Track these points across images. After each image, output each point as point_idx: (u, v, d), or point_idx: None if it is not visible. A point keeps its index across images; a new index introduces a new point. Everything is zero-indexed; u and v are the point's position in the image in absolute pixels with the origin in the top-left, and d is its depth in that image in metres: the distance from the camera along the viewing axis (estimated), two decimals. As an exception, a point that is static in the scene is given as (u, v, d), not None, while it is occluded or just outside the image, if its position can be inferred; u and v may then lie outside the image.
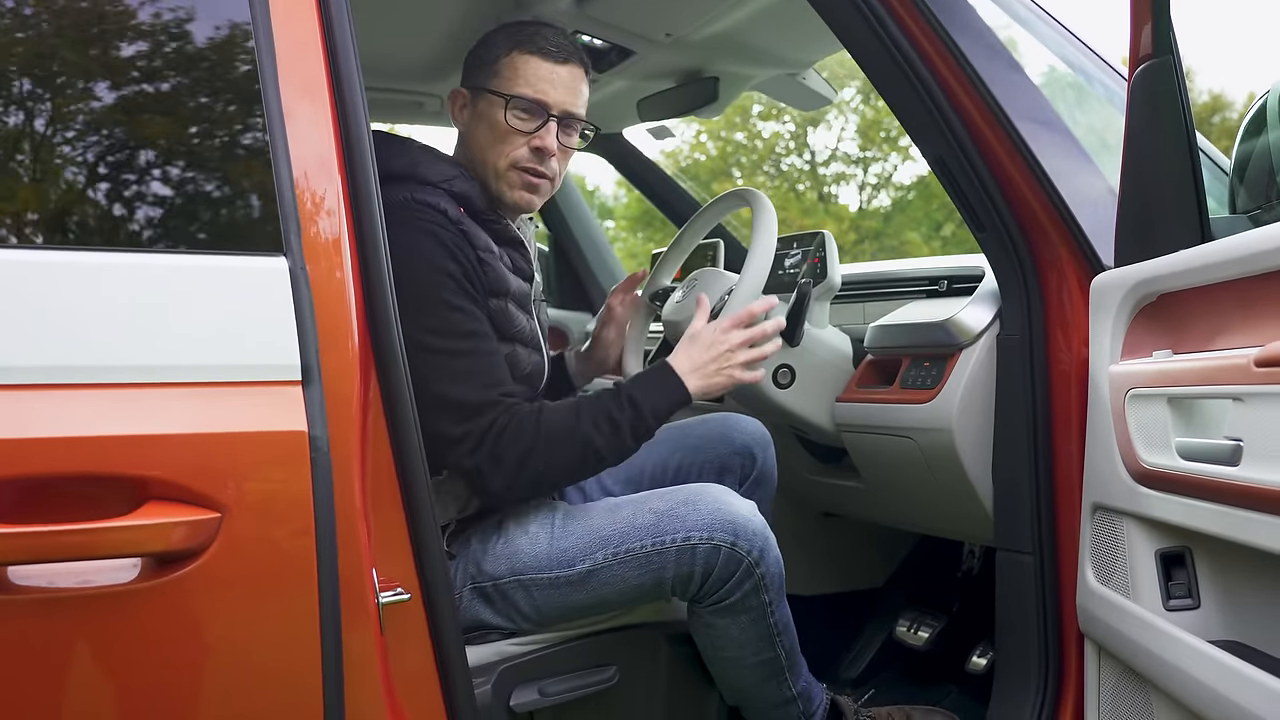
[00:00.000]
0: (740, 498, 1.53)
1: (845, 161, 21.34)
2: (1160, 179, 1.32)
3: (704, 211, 2.04)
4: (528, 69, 1.55)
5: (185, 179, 1.11)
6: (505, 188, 1.57)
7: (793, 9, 2.04)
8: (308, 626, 1.04)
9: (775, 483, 1.85)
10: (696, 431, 1.80)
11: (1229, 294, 1.18)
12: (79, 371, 0.98)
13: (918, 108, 1.53)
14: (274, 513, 1.02)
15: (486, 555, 1.51)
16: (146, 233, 1.09)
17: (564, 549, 1.49)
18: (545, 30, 1.59)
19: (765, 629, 1.54)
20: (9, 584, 0.95)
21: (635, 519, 1.49)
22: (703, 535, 1.46)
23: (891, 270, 2.18)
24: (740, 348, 1.55)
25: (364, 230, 1.15)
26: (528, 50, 1.56)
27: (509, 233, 1.59)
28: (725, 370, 1.54)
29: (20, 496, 0.94)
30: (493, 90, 1.56)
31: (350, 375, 1.10)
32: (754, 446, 1.80)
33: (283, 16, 1.13)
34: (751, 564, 1.48)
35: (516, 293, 1.57)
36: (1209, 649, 1.16)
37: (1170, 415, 1.22)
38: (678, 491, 1.53)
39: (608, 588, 1.48)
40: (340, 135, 1.15)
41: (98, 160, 1.07)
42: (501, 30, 1.60)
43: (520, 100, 1.54)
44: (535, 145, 1.55)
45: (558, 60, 1.57)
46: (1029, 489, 1.57)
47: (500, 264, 1.53)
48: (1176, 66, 1.29)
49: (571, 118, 1.59)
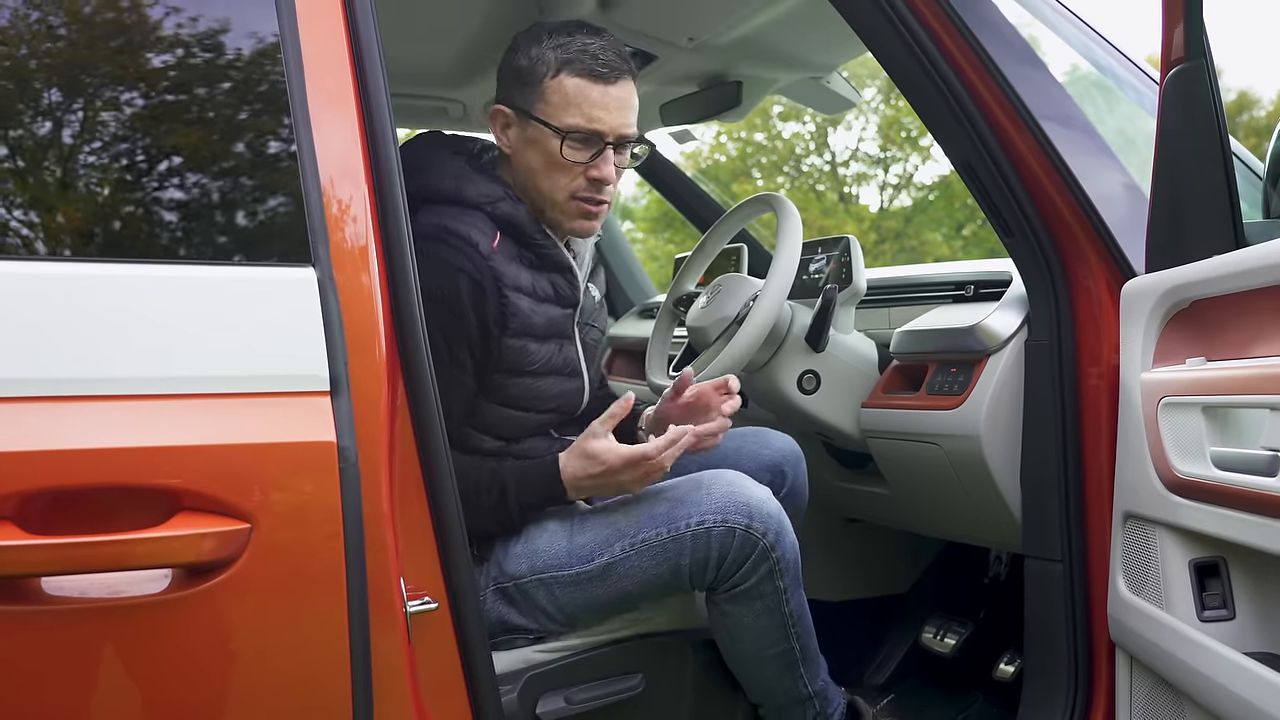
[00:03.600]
0: (755, 482, 1.52)
1: (866, 162, 21.26)
2: (1193, 184, 1.31)
3: (728, 216, 2.03)
4: (580, 95, 1.47)
5: (215, 191, 1.11)
6: (562, 217, 1.53)
7: (817, 12, 2.03)
8: (337, 635, 1.04)
9: (806, 499, 1.80)
10: (726, 445, 1.75)
11: (1264, 301, 1.16)
12: (111, 383, 0.99)
13: (943, 110, 1.52)
14: (303, 523, 1.03)
15: (508, 556, 1.51)
16: (177, 245, 1.09)
17: (582, 544, 1.50)
18: (591, 44, 1.48)
19: (780, 618, 1.53)
20: (43, 595, 0.95)
21: (650, 508, 1.50)
22: (717, 518, 1.46)
23: (917, 275, 2.16)
24: (637, 481, 1.48)
25: (390, 237, 1.15)
26: (577, 73, 1.47)
27: (556, 258, 1.55)
28: (609, 488, 1.49)
29: (53, 508, 0.95)
30: (542, 120, 1.48)
31: (378, 383, 1.11)
32: (785, 464, 1.75)
33: (310, 27, 1.13)
34: (767, 547, 1.47)
35: (544, 328, 1.53)
36: (1244, 660, 1.15)
37: (1205, 424, 1.21)
38: (692, 478, 1.53)
39: (628, 580, 1.49)
40: (367, 143, 1.15)
41: (132, 172, 1.08)
42: (543, 41, 1.50)
43: (576, 133, 1.48)
44: (593, 176, 1.50)
45: (610, 81, 1.48)
46: (1058, 496, 1.55)
47: (527, 300, 1.50)
48: (1209, 70, 1.28)
49: (626, 140, 1.52)
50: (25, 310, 0.98)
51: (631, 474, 1.47)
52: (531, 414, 1.57)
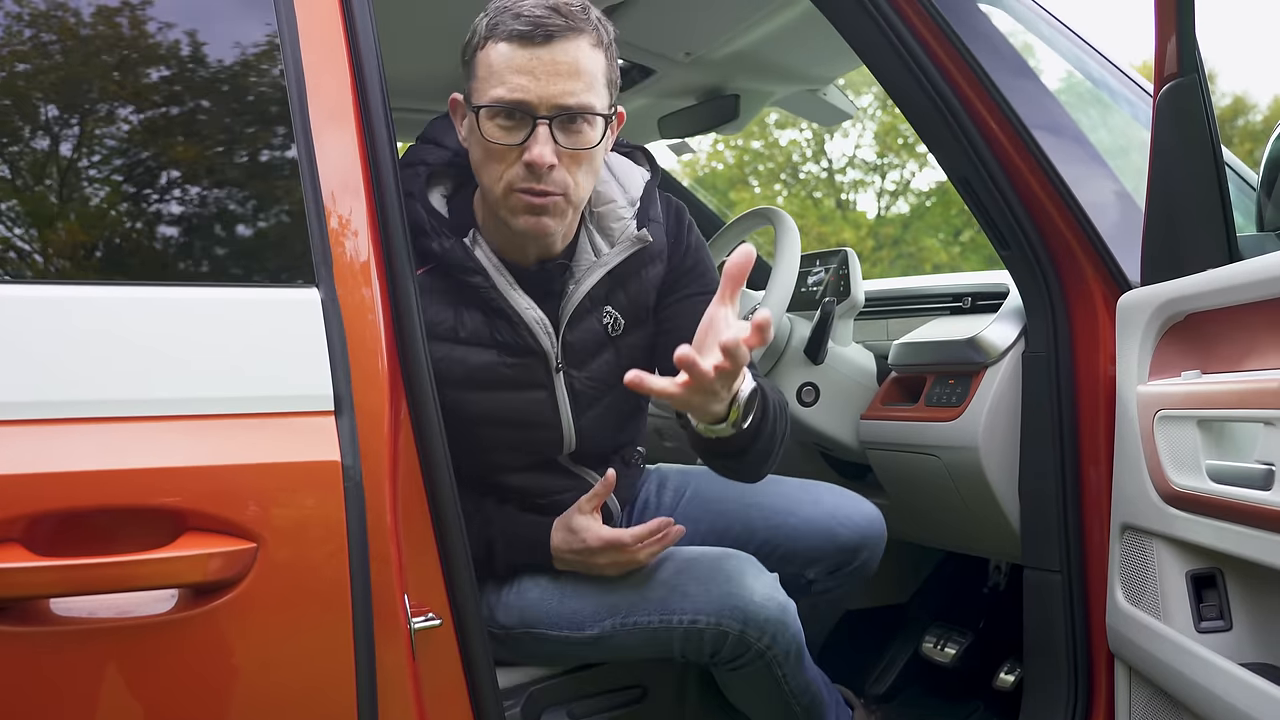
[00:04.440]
0: (758, 575, 1.39)
1: (863, 169, 21.33)
2: (1187, 198, 1.32)
3: (726, 230, 2.04)
4: (502, 63, 1.25)
5: (220, 214, 1.12)
6: (508, 215, 1.32)
7: (812, 27, 2.04)
8: (342, 653, 1.05)
9: (872, 574, 1.61)
10: (800, 513, 1.54)
11: (1258, 315, 1.17)
12: (118, 405, 1.00)
13: (939, 125, 1.54)
14: (308, 542, 1.04)
15: (499, 604, 1.46)
16: (185, 267, 1.11)
17: (574, 609, 1.43)
18: (520, 2, 1.26)
19: (780, 695, 1.47)
20: (51, 615, 0.96)
21: (645, 591, 1.41)
22: (710, 619, 1.37)
23: (915, 287, 2.17)
24: (613, 566, 1.41)
25: (391, 253, 1.16)
26: (502, 37, 1.26)
27: (486, 297, 1.36)
28: (589, 567, 1.43)
29: (60, 529, 0.96)
30: (470, 99, 1.30)
31: (380, 401, 1.11)
32: (865, 547, 1.55)
33: (310, 43, 1.14)
34: (761, 649, 1.39)
35: (479, 378, 1.37)
36: (1241, 671, 1.16)
37: (1200, 437, 1.22)
38: (693, 563, 1.42)
39: (619, 651, 1.44)
40: (367, 161, 1.16)
41: (142, 197, 1.09)
42: (486, 10, 1.31)
43: (494, 107, 1.26)
44: (526, 160, 1.27)
45: (537, 41, 1.24)
46: (1056, 507, 1.56)
47: (443, 346, 1.33)
48: (1202, 85, 1.29)
49: (567, 112, 1.27)
50: (32, 333, 0.99)
51: (608, 558, 1.40)
52: (492, 456, 1.45)
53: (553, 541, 1.44)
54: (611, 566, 1.42)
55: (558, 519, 1.44)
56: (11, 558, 0.93)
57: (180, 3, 1.15)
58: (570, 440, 1.47)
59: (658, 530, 1.39)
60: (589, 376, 1.45)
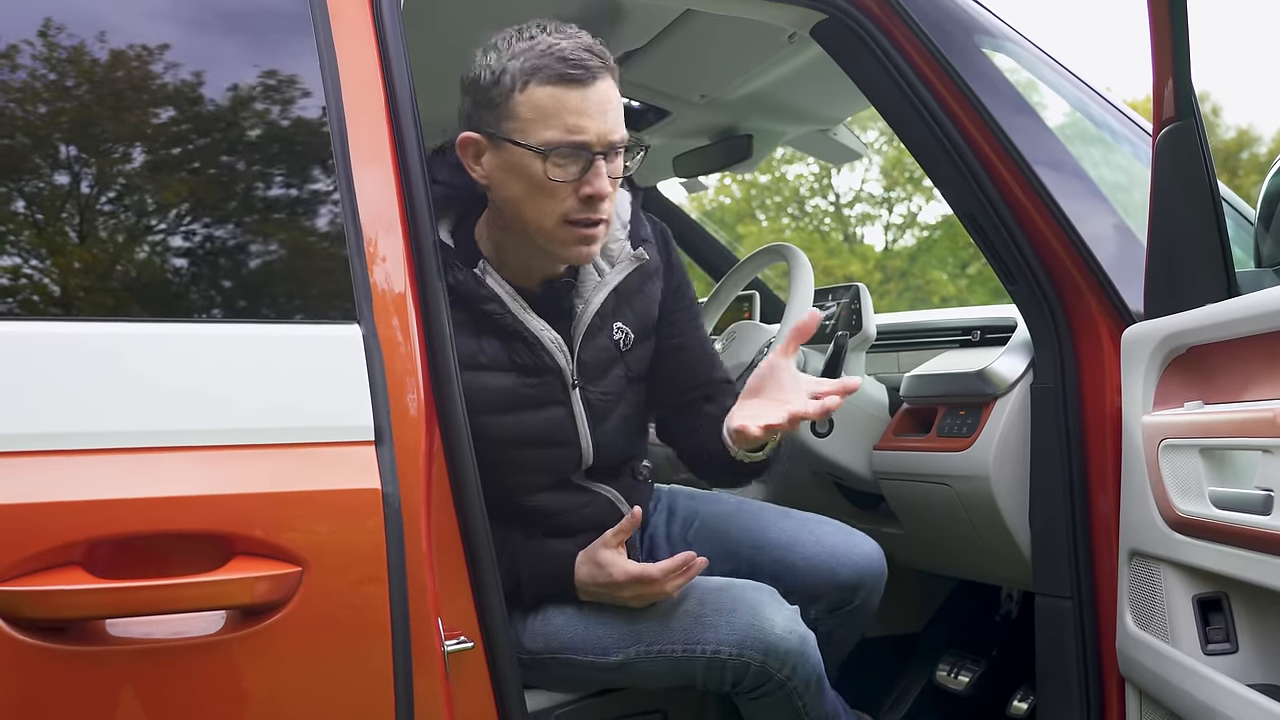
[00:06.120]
0: (780, 607, 1.44)
1: (870, 202, 21.45)
2: (1187, 237, 1.37)
3: (740, 266, 2.10)
4: (555, 105, 1.30)
5: (268, 254, 1.19)
6: (557, 246, 1.38)
7: (823, 69, 2.10)
8: (381, 673, 1.09)
9: (873, 611, 1.66)
10: (801, 551, 1.58)
11: (1255, 348, 1.22)
12: (173, 435, 1.06)
13: (946, 164, 1.59)
14: (350, 566, 1.09)
15: (526, 630, 1.49)
16: (239, 305, 1.18)
17: (599, 636, 1.46)
18: (559, 44, 1.30)
19: None
20: (107, 635, 1.01)
21: (668, 620, 1.45)
22: (732, 651, 1.41)
23: (925, 320, 2.22)
24: (639, 599, 1.45)
25: (426, 288, 1.22)
26: (548, 80, 1.30)
27: (502, 323, 1.41)
28: (615, 600, 1.46)
29: (117, 553, 1.01)
30: (517, 141, 1.32)
31: (417, 431, 1.17)
32: (863, 586, 1.60)
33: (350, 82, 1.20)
34: (782, 679, 1.43)
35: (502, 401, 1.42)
36: (1248, 692, 1.19)
37: (1203, 465, 1.26)
38: (716, 594, 1.45)
39: (642, 678, 1.48)
40: (403, 197, 1.21)
41: (208, 240, 1.16)
42: (502, 50, 1.32)
43: (558, 149, 1.31)
44: (586, 194, 1.33)
45: (586, 83, 1.30)
46: (1066, 534, 1.59)
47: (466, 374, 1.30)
48: (1199, 129, 1.35)
49: (616, 147, 1.35)
50: (95, 368, 1.05)
51: (634, 591, 1.43)
52: (514, 478, 1.47)
53: (578, 575, 1.46)
54: (636, 599, 1.45)
55: (582, 553, 1.47)
56: (72, 580, 0.99)
57: (230, 48, 1.22)
58: (588, 455, 1.52)
59: (683, 564, 1.43)
60: (603, 391, 1.51)
